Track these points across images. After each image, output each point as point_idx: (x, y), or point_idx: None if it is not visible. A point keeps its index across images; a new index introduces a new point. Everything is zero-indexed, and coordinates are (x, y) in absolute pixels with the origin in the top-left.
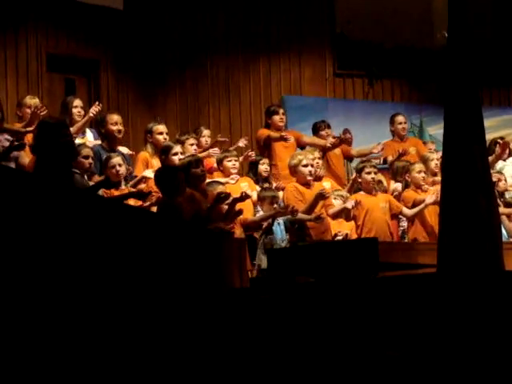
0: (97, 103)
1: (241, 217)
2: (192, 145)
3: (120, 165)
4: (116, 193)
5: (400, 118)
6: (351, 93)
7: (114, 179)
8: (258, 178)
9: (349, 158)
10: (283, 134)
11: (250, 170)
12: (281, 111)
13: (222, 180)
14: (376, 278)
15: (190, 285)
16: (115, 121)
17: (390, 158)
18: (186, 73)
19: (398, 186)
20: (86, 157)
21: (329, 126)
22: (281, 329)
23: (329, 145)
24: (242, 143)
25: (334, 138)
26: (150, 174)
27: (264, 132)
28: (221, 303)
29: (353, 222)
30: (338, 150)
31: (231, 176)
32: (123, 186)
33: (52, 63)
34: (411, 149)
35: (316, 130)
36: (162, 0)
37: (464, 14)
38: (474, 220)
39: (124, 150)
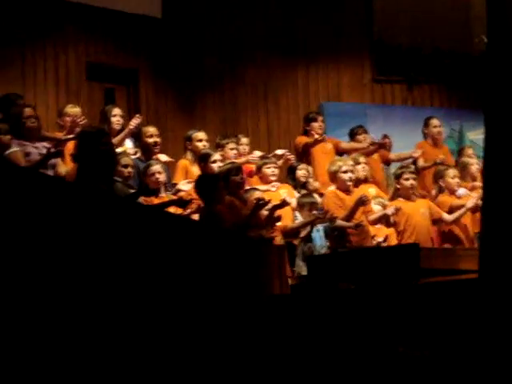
0: (137, 116)
1: (280, 223)
2: (232, 149)
3: (160, 172)
4: (156, 201)
5: (435, 121)
6: (390, 98)
7: (153, 187)
8: (297, 184)
9: (387, 162)
10: (316, 136)
11: (289, 175)
12: (320, 118)
13: (263, 187)
14: (417, 284)
15: (231, 291)
16: (151, 133)
17: (420, 163)
18: (224, 80)
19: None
20: (126, 166)
21: (366, 131)
22: (322, 335)
23: (366, 145)
24: (280, 152)
25: (371, 143)
26: (184, 186)
27: (301, 140)
28: (262, 309)
29: (391, 228)
30: (375, 155)
31: (272, 183)
32: (163, 194)
33: (91, 72)
34: (441, 156)
35: (353, 135)
36: (200, 8)
37: (503, 18)
38: None
39: (163, 157)
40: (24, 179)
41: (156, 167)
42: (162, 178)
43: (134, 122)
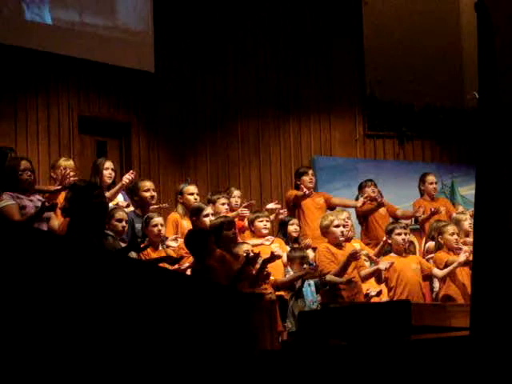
0: (131, 171)
1: (271, 278)
2: (223, 204)
3: (162, 225)
4: (154, 255)
5: (431, 178)
6: (382, 153)
7: (154, 239)
8: (288, 239)
9: (394, 218)
10: (305, 190)
11: (280, 230)
12: (310, 172)
13: (257, 241)
14: (409, 341)
15: (222, 346)
16: (148, 187)
17: (420, 210)
18: (216, 134)
19: (431, 244)
20: (120, 220)
21: (375, 185)
22: None
23: (358, 205)
24: (271, 206)
25: (365, 198)
26: (172, 242)
27: (292, 193)
28: (252, 365)
29: (382, 285)
30: (383, 210)
31: (266, 237)
32: (160, 248)
33: (84, 125)
34: (442, 208)
35: (361, 188)
36: (193, 62)
37: (494, 74)
38: (508, 282)
39: (155, 206)
40: (15, 234)
41: (158, 219)
42: (163, 230)
43: (128, 177)
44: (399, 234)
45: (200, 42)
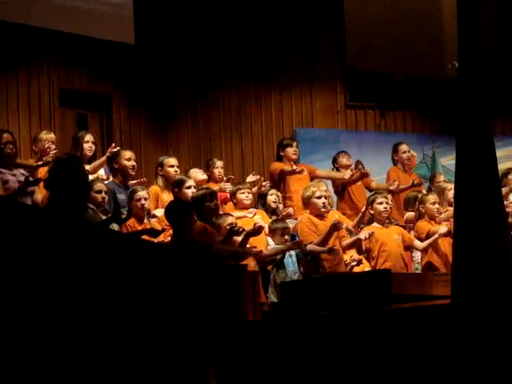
0: (113, 145)
1: (256, 249)
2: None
3: (145, 198)
4: (139, 227)
5: (404, 147)
6: (363, 124)
7: (138, 212)
8: (267, 209)
9: (369, 189)
10: (295, 167)
11: (259, 201)
12: (294, 144)
13: (240, 214)
14: (390, 310)
15: (204, 317)
16: (129, 157)
17: (392, 186)
18: (197, 106)
19: (410, 215)
20: (99, 191)
21: (349, 155)
22: (295, 362)
23: (346, 177)
24: (250, 179)
25: (352, 170)
26: (159, 212)
27: (277, 166)
28: (235, 335)
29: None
30: (359, 182)
31: (249, 210)
32: (146, 221)
33: (64, 98)
34: (417, 179)
35: (335, 161)
36: (173, 35)
37: (474, 44)
38: (488, 251)
39: (133, 182)
40: None
41: (142, 193)
42: (147, 204)
43: (110, 151)
44: (381, 203)
45: (180, 14)
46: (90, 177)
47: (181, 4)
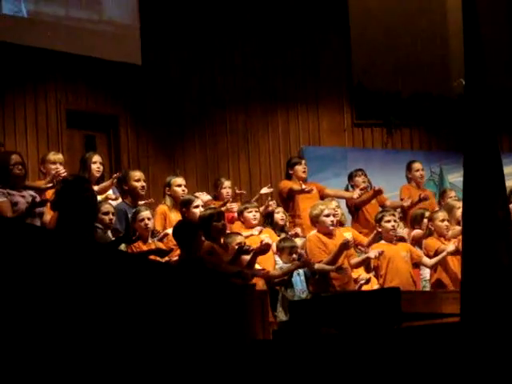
0: (117, 174)
1: (264, 270)
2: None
3: (149, 218)
4: (144, 247)
5: (417, 165)
6: (370, 142)
7: (142, 233)
8: (275, 228)
9: (383, 207)
10: (304, 186)
11: (266, 220)
12: (303, 162)
13: (246, 233)
14: (399, 329)
15: (213, 337)
16: (138, 177)
17: (406, 203)
18: (204, 126)
19: (417, 232)
20: (106, 213)
21: (365, 174)
22: (304, 381)
23: (355, 197)
24: (264, 191)
25: (361, 189)
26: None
27: (286, 185)
28: (244, 355)
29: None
30: (373, 200)
31: (255, 228)
32: (150, 241)
33: (71, 119)
34: (425, 192)
35: (351, 178)
36: (180, 55)
37: (481, 60)
38: (497, 268)
39: (141, 202)
40: (7, 230)
41: (145, 213)
42: (150, 224)
43: (117, 175)
44: (388, 221)
45: (187, 35)
46: (98, 198)
47: (187, 24)
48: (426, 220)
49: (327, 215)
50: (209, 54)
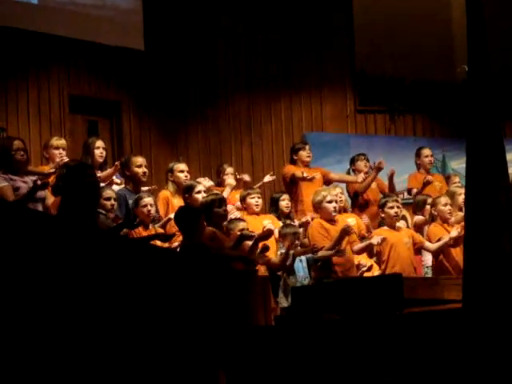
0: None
1: (266, 256)
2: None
3: (151, 205)
4: (144, 233)
5: (426, 151)
6: (373, 128)
7: (144, 219)
8: (280, 215)
9: (383, 193)
10: (306, 174)
11: (271, 207)
12: (307, 147)
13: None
14: (401, 315)
15: (214, 323)
16: (140, 163)
17: (414, 191)
18: (207, 112)
19: (419, 219)
20: (108, 198)
21: (367, 159)
22: (307, 366)
23: (359, 180)
24: (267, 179)
25: (365, 173)
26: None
27: (289, 169)
28: (246, 341)
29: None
30: (374, 184)
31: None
32: (150, 227)
33: (74, 105)
34: (436, 183)
35: (353, 162)
36: (183, 40)
37: (484, 47)
38: (499, 255)
39: (145, 188)
40: (8, 215)
41: (148, 199)
42: (153, 210)
43: (121, 161)
44: (391, 208)
45: (190, 20)
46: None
47: (190, 10)
48: (428, 206)
49: (330, 201)
50: (211, 40)
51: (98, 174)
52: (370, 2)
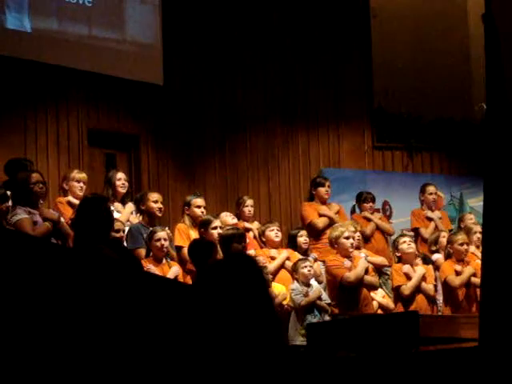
0: None
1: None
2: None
3: (165, 239)
4: (156, 268)
5: (431, 188)
6: (390, 165)
7: (156, 253)
8: (298, 251)
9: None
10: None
11: (289, 243)
12: (327, 183)
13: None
14: (417, 352)
15: (225, 357)
16: (156, 199)
17: (422, 230)
18: (225, 146)
19: (439, 257)
20: (117, 230)
21: (373, 200)
22: None
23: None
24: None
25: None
26: None
27: (308, 215)
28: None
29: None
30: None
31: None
32: (164, 261)
33: (93, 138)
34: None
35: (360, 200)
36: (201, 75)
37: (502, 85)
38: None
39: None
40: (29, 248)
41: (161, 234)
42: (166, 244)
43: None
44: (404, 242)
45: (208, 55)
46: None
47: (209, 45)
48: (443, 239)
49: (347, 237)
50: (230, 75)
51: (119, 205)
52: (389, 39)
